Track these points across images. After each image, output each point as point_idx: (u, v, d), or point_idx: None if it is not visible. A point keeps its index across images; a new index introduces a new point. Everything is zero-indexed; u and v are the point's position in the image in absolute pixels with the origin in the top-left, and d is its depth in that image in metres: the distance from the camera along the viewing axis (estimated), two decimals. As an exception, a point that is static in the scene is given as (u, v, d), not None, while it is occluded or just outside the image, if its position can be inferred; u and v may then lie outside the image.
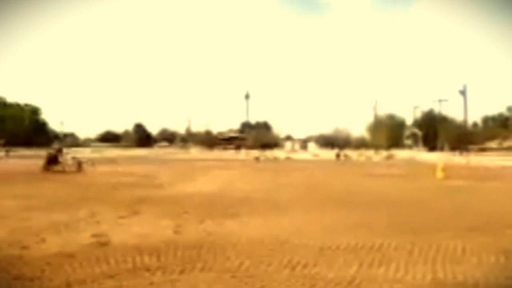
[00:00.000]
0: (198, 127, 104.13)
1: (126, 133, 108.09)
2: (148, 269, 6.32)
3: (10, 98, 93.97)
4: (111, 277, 6.02)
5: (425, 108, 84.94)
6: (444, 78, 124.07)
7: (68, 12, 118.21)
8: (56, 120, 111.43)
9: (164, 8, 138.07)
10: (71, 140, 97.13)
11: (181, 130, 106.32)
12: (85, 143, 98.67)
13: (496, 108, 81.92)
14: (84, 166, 28.03)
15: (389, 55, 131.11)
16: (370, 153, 66.85)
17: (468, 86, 70.81)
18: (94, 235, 8.39)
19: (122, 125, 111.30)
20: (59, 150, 29.20)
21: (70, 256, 6.93)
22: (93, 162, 34.24)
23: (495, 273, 6.17)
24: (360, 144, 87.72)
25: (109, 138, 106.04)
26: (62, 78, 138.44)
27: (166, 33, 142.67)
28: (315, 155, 64.04)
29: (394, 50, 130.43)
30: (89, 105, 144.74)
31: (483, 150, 61.40)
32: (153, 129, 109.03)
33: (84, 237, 8.31)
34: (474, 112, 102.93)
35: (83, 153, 54.04)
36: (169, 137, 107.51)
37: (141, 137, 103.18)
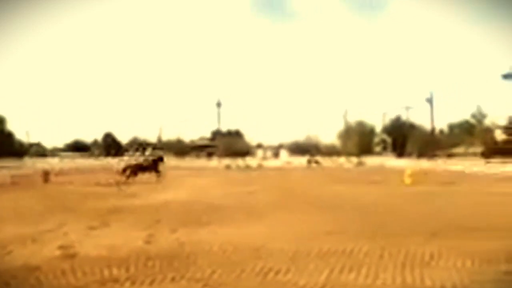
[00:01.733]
0: (169, 136, 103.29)
1: (95, 142, 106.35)
2: (116, 281, 6.21)
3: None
4: (78, 289, 5.90)
5: (394, 115, 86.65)
6: (412, 85, 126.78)
7: (31, 19, 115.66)
8: (21, 130, 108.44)
9: (133, 16, 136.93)
10: (37, 150, 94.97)
11: (152, 138, 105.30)
12: (53, 153, 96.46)
13: (461, 115, 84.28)
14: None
15: (358, 62, 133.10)
16: (341, 160, 67.57)
17: (435, 93, 72.60)
18: (61, 247, 8.21)
19: (91, 134, 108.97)
20: (160, 158, 27.97)
21: (36, 268, 6.77)
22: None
23: (462, 276, 6.31)
24: (331, 151, 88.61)
25: (77, 148, 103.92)
26: (27, 86, 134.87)
27: (135, 41, 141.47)
28: (287, 163, 64.32)
29: (362, 57, 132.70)
30: (57, 114, 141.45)
31: (450, 156, 62.92)
32: (123, 138, 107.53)
33: (51, 249, 8.12)
34: (441, 119, 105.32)
35: (50, 163, 52.94)
36: (140, 146, 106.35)
37: (111, 146, 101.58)
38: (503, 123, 62.02)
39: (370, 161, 62.47)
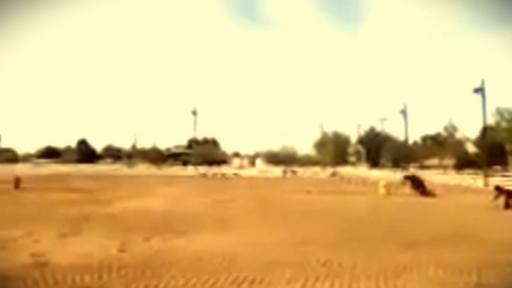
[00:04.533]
0: (144, 143, 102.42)
1: (68, 149, 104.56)
2: (88, 289, 6.10)
3: None
4: (50, 298, 5.77)
5: (368, 126, 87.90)
6: (387, 97, 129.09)
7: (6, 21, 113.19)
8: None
9: (110, 22, 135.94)
10: (8, 155, 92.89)
11: (127, 146, 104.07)
12: (25, 159, 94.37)
13: (434, 128, 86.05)
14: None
15: (335, 73, 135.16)
16: (317, 169, 68.06)
17: (409, 106, 73.88)
18: (32, 255, 8.01)
19: (65, 141, 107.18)
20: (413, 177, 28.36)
21: (6, 277, 6.58)
22: None
23: (434, 286, 6.40)
24: (307, 161, 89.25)
25: (50, 154, 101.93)
26: None
27: (112, 47, 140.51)
28: (263, 172, 64.40)
29: (340, 69, 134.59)
30: (30, 119, 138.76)
31: (423, 167, 64.04)
32: (98, 145, 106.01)
33: (22, 256, 7.92)
34: (414, 131, 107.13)
35: (22, 169, 51.79)
36: (115, 154, 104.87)
37: (85, 153, 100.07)
38: (473, 136, 63.55)
39: (345, 171, 63.05)
